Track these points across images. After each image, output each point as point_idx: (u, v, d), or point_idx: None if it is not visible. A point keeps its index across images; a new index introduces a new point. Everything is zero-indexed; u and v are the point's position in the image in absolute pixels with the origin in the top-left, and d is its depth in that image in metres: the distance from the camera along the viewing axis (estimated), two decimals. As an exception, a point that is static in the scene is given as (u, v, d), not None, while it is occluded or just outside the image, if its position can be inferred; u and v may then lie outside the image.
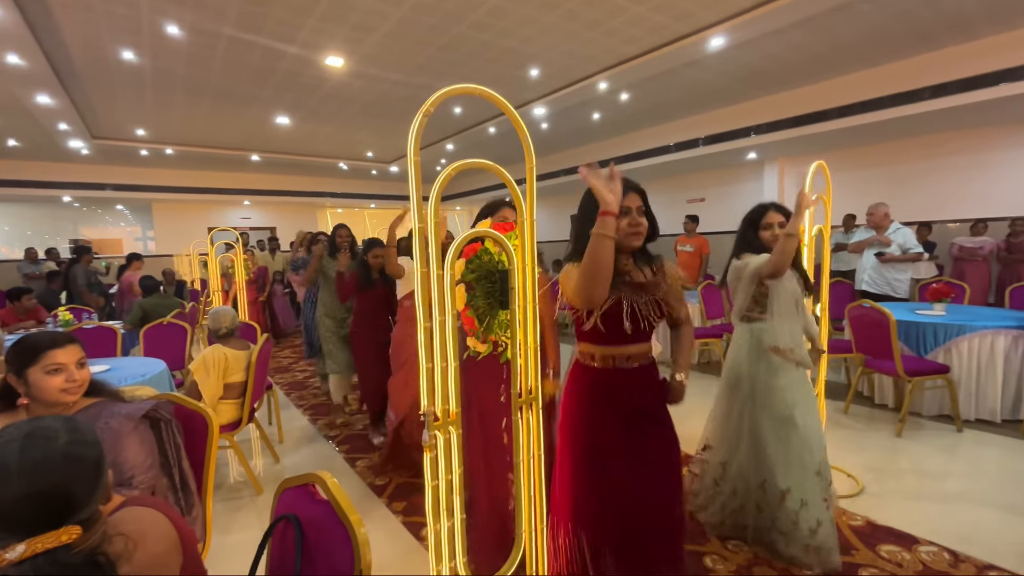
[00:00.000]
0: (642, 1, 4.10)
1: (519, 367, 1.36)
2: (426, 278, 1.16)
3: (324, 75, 5.65)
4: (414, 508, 2.48)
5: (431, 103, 1.15)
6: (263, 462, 3.17)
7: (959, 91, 5.31)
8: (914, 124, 6.17)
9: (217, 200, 11.70)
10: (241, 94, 6.24)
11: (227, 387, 2.69)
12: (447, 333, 1.17)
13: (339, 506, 0.97)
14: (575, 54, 5.23)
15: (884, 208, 4.43)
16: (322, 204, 13.73)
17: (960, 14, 4.56)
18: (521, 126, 1.32)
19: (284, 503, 1.13)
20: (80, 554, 0.66)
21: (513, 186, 1.38)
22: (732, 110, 7.35)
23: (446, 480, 1.22)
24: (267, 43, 4.73)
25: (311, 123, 7.75)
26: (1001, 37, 5.01)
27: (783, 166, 8.37)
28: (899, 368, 3.13)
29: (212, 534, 1.69)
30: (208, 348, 2.70)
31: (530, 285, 1.38)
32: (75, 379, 1.33)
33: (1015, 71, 4.95)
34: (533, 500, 1.40)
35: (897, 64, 5.70)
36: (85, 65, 5.16)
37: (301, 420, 3.89)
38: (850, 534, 2.13)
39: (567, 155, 10.37)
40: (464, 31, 4.60)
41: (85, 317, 5.13)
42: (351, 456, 3.15)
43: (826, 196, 2.59)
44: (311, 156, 10.23)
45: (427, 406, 1.19)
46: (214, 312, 2.85)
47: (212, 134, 8.26)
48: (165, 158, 9.48)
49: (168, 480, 1.49)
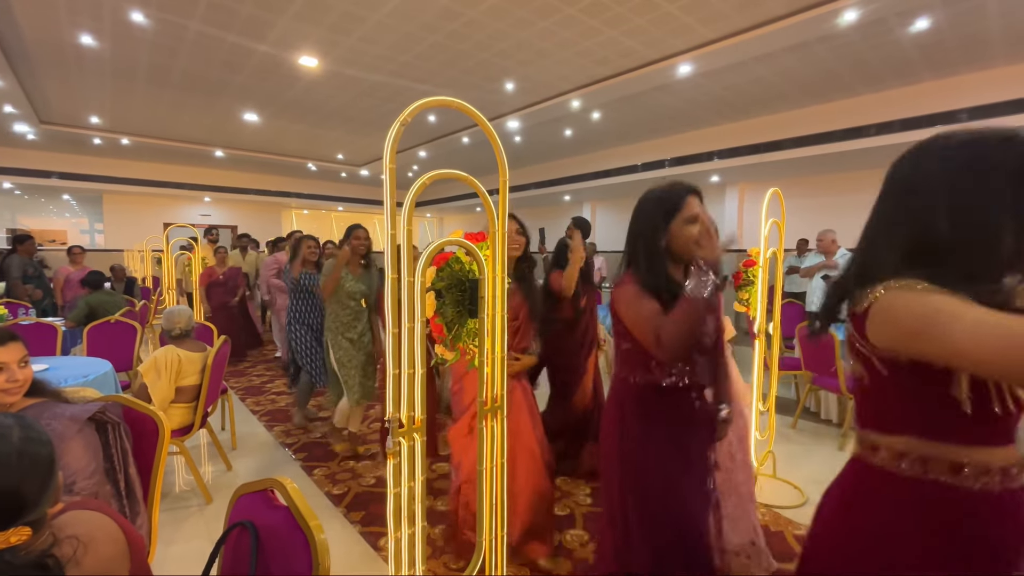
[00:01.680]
0: (615, 25, 4.26)
1: (486, 375, 1.38)
2: (396, 284, 1.17)
3: (297, 74, 5.55)
4: (373, 518, 2.44)
5: (409, 113, 1.17)
6: (214, 469, 3.04)
7: (901, 129, 5.75)
8: (861, 158, 6.62)
9: (175, 195, 11.20)
10: (208, 88, 6.05)
11: (179, 390, 2.58)
12: (415, 340, 1.18)
13: (298, 512, 0.96)
14: (549, 71, 5.36)
15: (832, 235, 4.73)
16: (288, 204, 13.39)
17: (904, 60, 4.96)
18: (496, 141, 1.36)
19: (240, 509, 1.10)
20: (28, 556, 0.63)
21: (486, 197, 1.41)
22: (697, 134, 7.69)
23: (408, 487, 1.22)
24: (237, 39, 4.62)
25: (281, 121, 7.58)
26: (940, 82, 5.48)
27: (743, 190, 8.79)
28: (842, 386, 3.33)
29: (156, 544, 1.62)
30: (160, 349, 2.59)
31: (500, 295, 1.41)
32: (16, 379, 1.26)
33: (950, 115, 5.42)
34: (495, 507, 1.41)
35: (847, 101, 6.13)
36: (38, 47, 4.89)
37: (257, 426, 3.75)
38: (793, 542, 2.24)
39: (539, 169, 10.54)
40: (441, 40, 4.65)
41: (21, 312, 4.79)
42: (308, 464, 3.06)
43: (780, 221, 2.75)
44: (279, 155, 9.98)
45: (392, 412, 1.19)
46: (168, 311, 2.73)
47: (174, 127, 7.94)
48: (120, 148, 9.03)
49: (112, 487, 1.42)
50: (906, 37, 4.44)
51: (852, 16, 3.88)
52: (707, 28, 4.29)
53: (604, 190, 10.00)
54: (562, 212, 11.76)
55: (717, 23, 4.20)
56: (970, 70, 5.21)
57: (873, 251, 0.87)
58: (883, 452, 0.82)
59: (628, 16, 4.09)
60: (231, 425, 3.44)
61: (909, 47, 4.65)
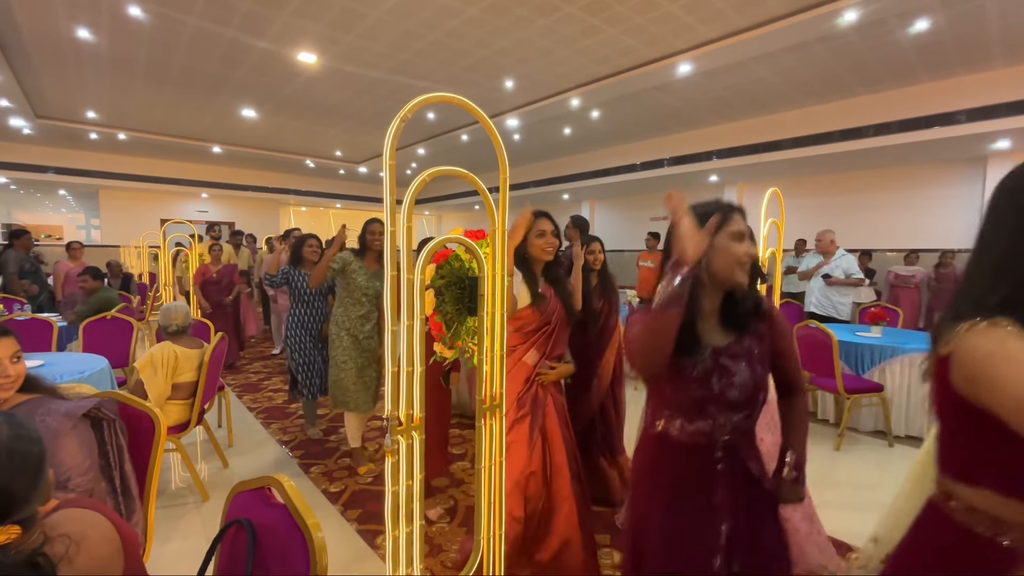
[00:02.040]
0: (615, 23, 4.25)
1: (484, 374, 1.37)
2: (395, 281, 1.17)
3: (296, 70, 5.53)
4: (370, 516, 2.43)
5: (409, 109, 1.16)
6: (210, 467, 3.03)
7: (899, 131, 5.76)
8: (859, 158, 6.63)
9: (172, 191, 11.15)
10: (206, 83, 6.02)
11: (176, 387, 2.57)
12: (414, 338, 1.18)
13: (296, 510, 0.95)
14: (549, 69, 5.35)
15: (831, 235, 4.73)
16: (285, 201, 13.34)
17: (903, 61, 4.96)
18: (497, 137, 1.35)
19: (237, 507, 1.09)
20: (19, 555, 0.62)
21: (486, 195, 1.41)
22: (696, 134, 7.68)
23: (406, 486, 1.21)
24: (235, 35, 4.60)
25: (279, 117, 7.55)
26: (938, 84, 5.48)
27: (742, 189, 8.79)
28: (839, 386, 3.33)
29: (152, 542, 1.61)
30: (157, 345, 2.57)
31: (499, 293, 1.40)
32: (9, 374, 1.25)
33: (948, 116, 5.43)
34: (493, 506, 1.41)
35: (845, 102, 6.13)
36: (34, 40, 4.86)
37: (254, 423, 3.74)
38: (791, 542, 2.24)
39: (538, 167, 10.53)
40: (441, 38, 4.63)
41: (17, 308, 4.76)
42: (305, 462, 3.05)
43: (779, 221, 2.74)
44: (277, 151, 9.94)
45: (391, 410, 1.18)
46: (165, 308, 2.71)
47: (172, 122, 7.89)
48: (117, 143, 8.98)
49: (108, 484, 1.41)
50: (905, 38, 4.44)
51: (852, 16, 3.88)
52: (707, 27, 4.28)
53: (603, 189, 10.00)
54: (561, 211, 11.74)
55: (717, 22, 4.19)
56: (968, 72, 5.22)
57: (971, 289, 0.76)
58: (955, 503, 0.77)
59: (628, 14, 4.08)
60: (228, 422, 3.42)
61: (908, 48, 4.66)
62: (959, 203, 6.71)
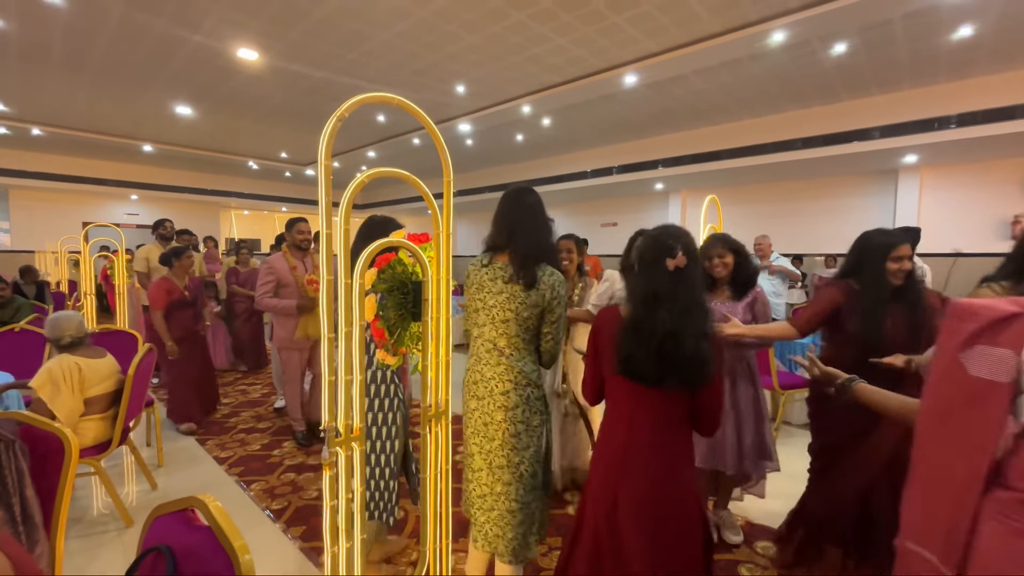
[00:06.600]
0: (563, 33, 4.35)
1: (429, 380, 1.35)
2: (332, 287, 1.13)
3: (235, 67, 5.27)
4: (314, 532, 2.32)
5: (345, 108, 1.13)
6: (137, 489, 2.80)
7: (823, 144, 6.24)
8: (790, 169, 7.11)
9: (96, 191, 10.29)
10: (133, 76, 5.61)
11: (89, 401, 2.33)
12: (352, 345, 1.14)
13: (221, 531, 0.89)
14: (500, 76, 5.39)
15: (768, 240, 5.03)
16: (227, 204, 12.66)
17: (825, 80, 5.37)
18: (439, 138, 1.34)
19: (155, 533, 1.01)
20: None
21: (429, 198, 1.39)
22: (643, 143, 7.98)
23: (346, 500, 1.17)
24: (167, 26, 4.33)
25: (218, 116, 7.16)
26: (856, 102, 5.99)
27: (685, 197, 9.20)
28: (775, 382, 3.53)
29: (67, 574, 1.46)
30: (52, 360, 2.27)
31: (444, 297, 1.38)
32: None
33: (864, 132, 5.94)
34: (439, 514, 1.38)
35: (777, 116, 6.58)
36: (-73, 22, 4.36)
37: (187, 440, 3.50)
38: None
39: (491, 172, 10.56)
40: (390, 39, 4.56)
41: (-96, 321, 4.22)
42: (245, 478, 2.88)
43: (718, 226, 2.89)
44: (217, 152, 9.42)
45: (328, 421, 1.14)
46: (54, 318, 2.35)
47: (94, 117, 7.30)
48: (30, 139, 8.20)
49: (6, 511, 1.26)
50: (827, 59, 4.82)
51: (780, 37, 4.17)
52: (650, 41, 4.46)
53: (555, 195, 10.16)
54: (514, 216, 11.81)
55: (659, 36, 4.37)
56: (881, 91, 5.73)
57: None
58: None
59: (576, 25, 4.18)
60: (157, 440, 3.18)
61: (830, 68, 5.05)
62: (875, 211, 7.33)
